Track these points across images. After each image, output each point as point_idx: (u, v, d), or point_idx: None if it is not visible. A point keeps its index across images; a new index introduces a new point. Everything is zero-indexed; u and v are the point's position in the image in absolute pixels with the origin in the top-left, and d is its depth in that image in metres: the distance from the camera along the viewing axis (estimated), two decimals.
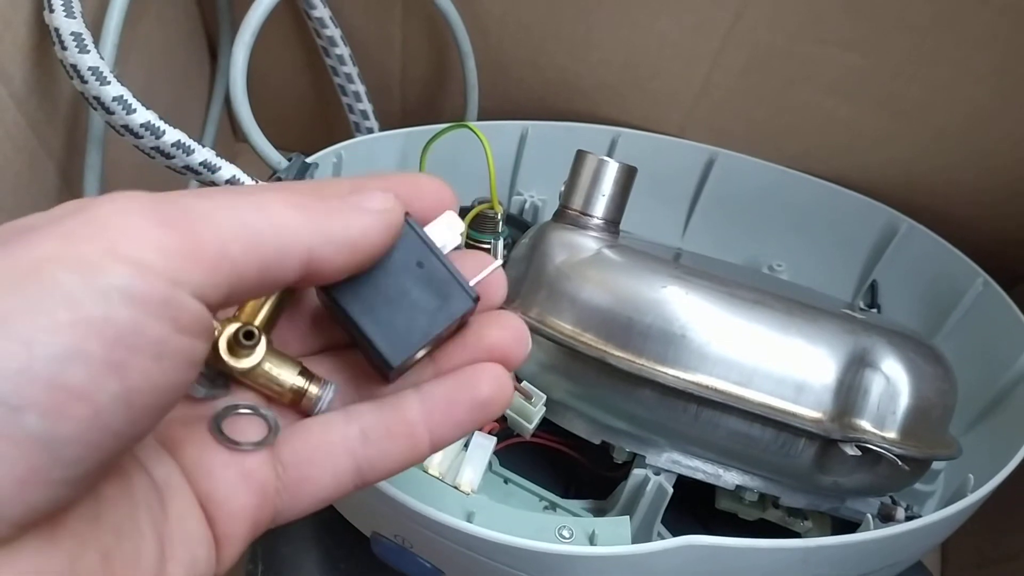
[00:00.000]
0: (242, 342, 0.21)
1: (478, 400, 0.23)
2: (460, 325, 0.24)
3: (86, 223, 0.16)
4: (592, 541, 0.35)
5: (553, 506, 0.40)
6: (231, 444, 0.21)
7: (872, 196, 0.55)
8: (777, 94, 0.52)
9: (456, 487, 0.36)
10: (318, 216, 0.19)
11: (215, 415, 0.22)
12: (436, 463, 0.37)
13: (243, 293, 0.18)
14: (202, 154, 0.40)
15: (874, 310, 0.55)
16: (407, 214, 0.23)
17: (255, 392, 0.23)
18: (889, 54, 0.48)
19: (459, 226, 0.23)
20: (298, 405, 0.23)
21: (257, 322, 0.22)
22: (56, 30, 0.37)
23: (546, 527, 0.35)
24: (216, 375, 0.22)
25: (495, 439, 0.38)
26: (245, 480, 0.21)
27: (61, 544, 0.16)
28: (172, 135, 0.39)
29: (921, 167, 0.53)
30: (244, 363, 0.22)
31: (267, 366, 0.22)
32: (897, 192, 0.54)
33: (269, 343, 0.23)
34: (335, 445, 0.23)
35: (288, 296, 0.23)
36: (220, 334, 0.22)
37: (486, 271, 0.24)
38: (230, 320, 0.22)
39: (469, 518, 0.34)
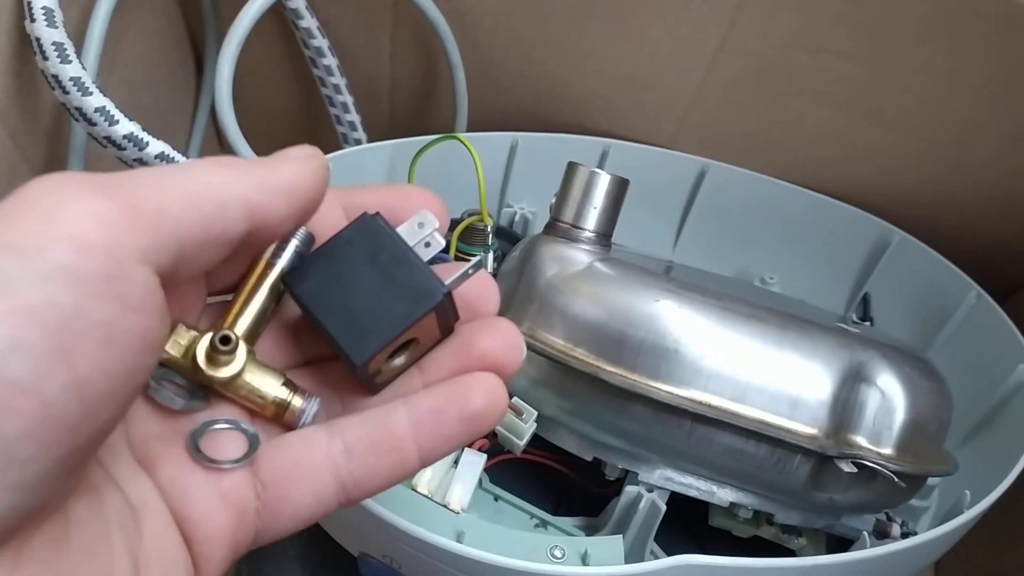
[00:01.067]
0: (219, 348, 0.21)
1: (469, 412, 0.22)
2: (444, 331, 0.23)
3: (18, 205, 0.16)
4: (585, 561, 0.34)
5: (544, 524, 0.40)
6: (208, 463, 0.21)
7: (864, 208, 0.54)
8: (769, 105, 0.52)
9: (445, 505, 0.35)
10: (247, 170, 0.19)
11: (192, 431, 0.21)
12: (425, 481, 0.36)
13: (192, 254, 0.18)
14: None
15: (867, 323, 0.54)
16: (377, 213, 0.22)
17: (236, 405, 0.22)
18: (881, 65, 0.48)
19: (432, 223, 0.23)
20: (281, 418, 0.22)
21: (239, 331, 0.22)
22: (37, 40, 0.37)
23: (538, 547, 0.34)
24: (196, 387, 0.22)
25: (485, 456, 0.37)
26: (223, 500, 0.20)
27: (27, 568, 0.15)
28: (156, 147, 0.39)
29: (913, 178, 0.53)
30: (224, 372, 0.21)
31: (248, 377, 0.22)
32: (889, 204, 0.54)
33: (251, 354, 0.22)
34: (317, 461, 0.22)
35: (271, 305, 0.23)
36: (198, 343, 0.21)
37: (464, 268, 0.23)
38: (209, 330, 0.22)
39: (459, 538, 0.33)
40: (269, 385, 0.22)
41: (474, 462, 0.37)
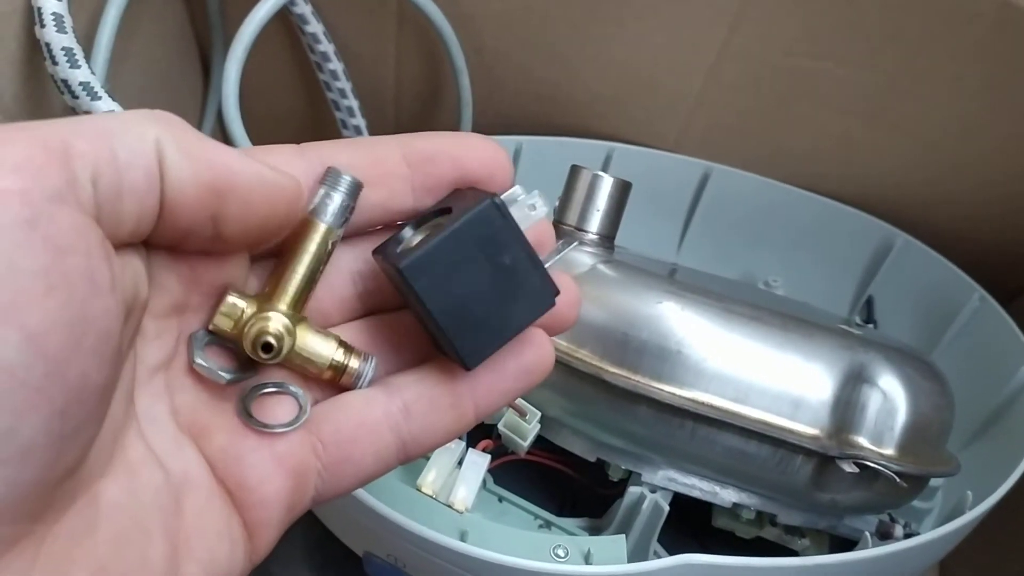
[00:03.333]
0: (261, 356, 0.20)
1: (523, 366, 0.22)
2: None
3: None
4: (588, 560, 0.34)
5: (548, 524, 0.40)
6: (261, 427, 0.20)
7: (867, 211, 0.54)
8: (771, 109, 0.52)
9: (450, 506, 0.36)
10: (192, 143, 0.18)
11: (242, 397, 0.21)
12: (429, 481, 0.36)
13: (111, 200, 0.16)
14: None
15: (871, 325, 0.54)
16: (495, 196, 0.21)
17: (292, 371, 0.22)
18: (882, 69, 0.48)
19: (542, 208, 0.22)
20: (338, 382, 0.22)
21: (287, 303, 0.21)
22: (47, 45, 0.37)
23: (541, 546, 0.34)
24: (244, 359, 0.21)
25: (489, 457, 0.38)
26: (278, 464, 0.20)
27: (45, 563, 0.15)
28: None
29: (915, 181, 0.53)
30: (273, 360, 0.21)
31: (302, 346, 0.21)
32: (893, 207, 0.54)
33: (303, 320, 0.21)
34: (378, 421, 0.21)
35: (320, 266, 0.22)
36: (246, 321, 0.20)
37: (556, 258, 0.23)
38: (258, 300, 0.21)
39: (463, 537, 0.33)
40: (324, 351, 0.22)
41: (478, 463, 0.37)
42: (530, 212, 0.22)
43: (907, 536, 0.39)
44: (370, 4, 0.54)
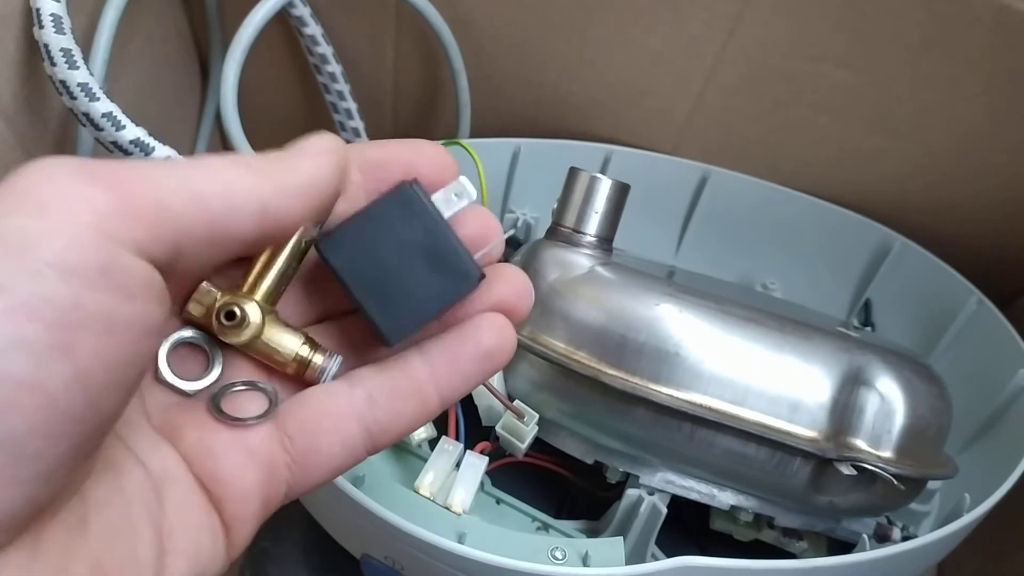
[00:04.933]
0: (224, 323, 0.21)
1: (483, 350, 0.23)
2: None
3: (10, 193, 0.15)
4: (585, 562, 0.34)
5: (546, 527, 0.40)
6: (232, 421, 0.21)
7: (865, 214, 0.55)
8: (770, 112, 0.52)
9: (447, 508, 0.36)
10: (264, 170, 0.19)
11: (213, 394, 0.21)
12: (427, 483, 0.36)
13: (195, 251, 0.17)
14: (161, 152, 0.40)
15: (868, 328, 0.54)
16: (415, 180, 0.22)
17: (257, 364, 0.23)
18: (881, 72, 0.48)
19: (470, 193, 0.22)
20: (302, 376, 0.23)
21: (260, 295, 0.22)
22: (46, 46, 0.37)
23: (539, 548, 0.34)
24: (213, 346, 0.22)
25: (487, 459, 0.38)
26: (250, 457, 0.21)
27: (45, 558, 0.15)
28: (161, 151, 0.39)
29: (913, 185, 0.53)
30: (240, 337, 0.21)
31: (269, 337, 0.22)
32: (890, 210, 0.54)
33: (273, 314, 0.22)
34: (342, 412, 0.22)
35: (293, 264, 0.22)
36: (219, 304, 0.21)
37: (489, 247, 0.23)
38: (231, 290, 0.22)
39: (460, 539, 0.33)
40: (290, 344, 0.22)
41: (476, 465, 0.37)
42: (455, 198, 0.22)
43: (905, 539, 0.39)
44: (369, 6, 0.55)
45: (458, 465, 0.37)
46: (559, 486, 0.43)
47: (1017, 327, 0.47)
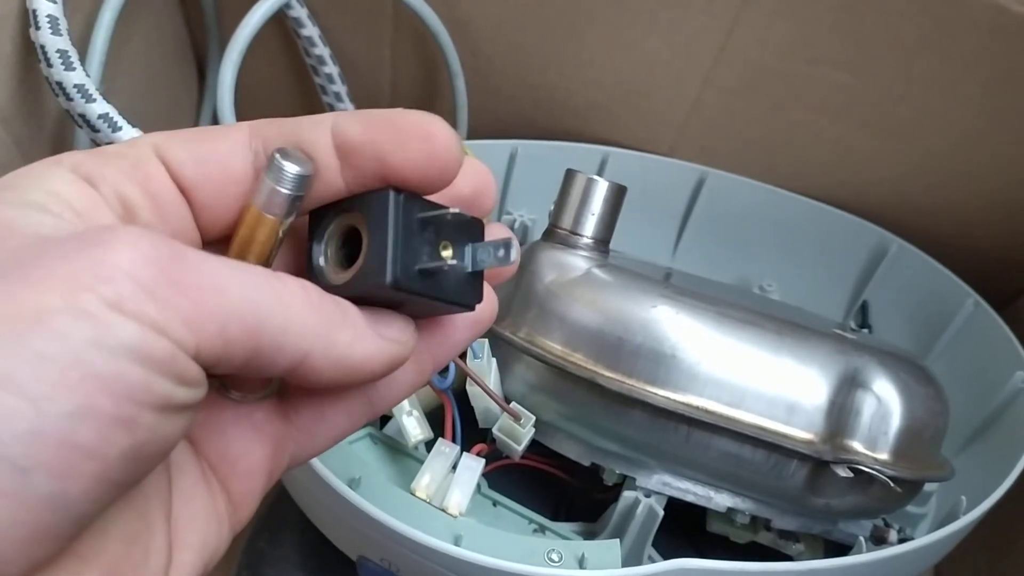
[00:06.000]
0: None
1: (473, 317, 0.23)
2: None
3: (94, 266, 0.15)
4: (582, 565, 0.34)
5: (542, 529, 0.40)
6: (238, 398, 0.21)
7: (862, 216, 0.55)
8: (767, 114, 0.52)
9: (444, 510, 0.36)
10: (329, 324, 0.19)
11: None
12: (424, 485, 0.36)
13: (224, 368, 0.17)
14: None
15: (865, 330, 0.54)
16: (394, 189, 0.20)
17: None
18: (878, 74, 0.48)
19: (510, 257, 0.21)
20: None
21: (251, 260, 0.21)
22: (42, 47, 0.37)
23: (535, 550, 0.34)
24: None
25: (483, 461, 0.38)
26: (257, 433, 0.21)
27: (55, 572, 0.16)
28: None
29: (911, 187, 0.53)
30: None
31: None
32: (887, 212, 0.54)
33: None
34: None
35: (272, 255, 0.21)
36: None
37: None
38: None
39: (457, 541, 0.33)
40: None
41: (472, 467, 0.37)
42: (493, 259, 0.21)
43: (901, 541, 0.39)
44: (366, 7, 0.55)
45: (455, 467, 0.37)
46: (556, 488, 0.43)
47: (1014, 329, 0.47)
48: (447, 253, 0.21)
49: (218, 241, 0.21)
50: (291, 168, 0.20)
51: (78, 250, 0.15)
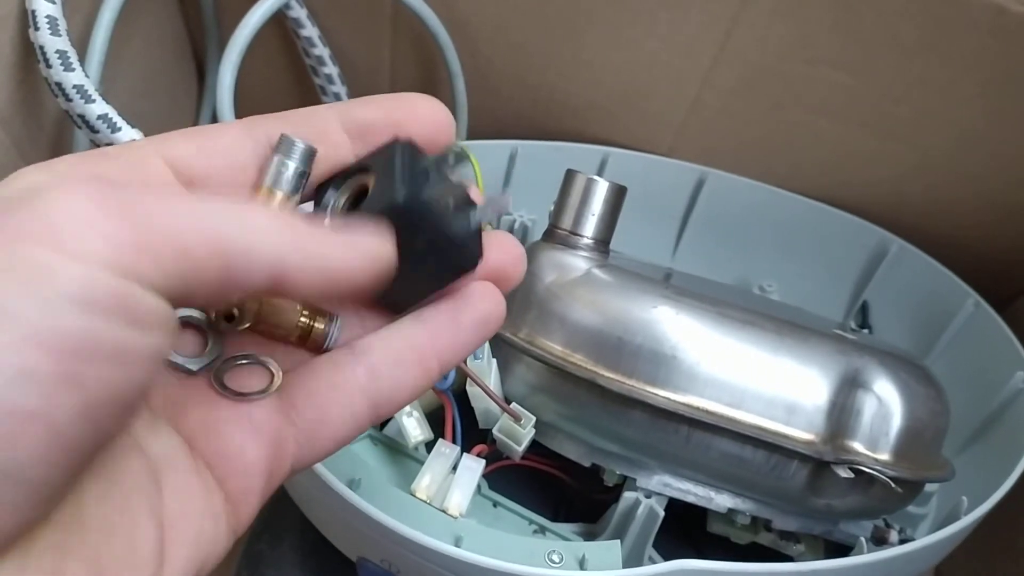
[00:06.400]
0: (225, 323, 0.21)
1: (479, 318, 0.23)
2: None
3: (27, 214, 0.15)
4: (582, 565, 0.34)
5: (543, 530, 0.40)
6: (236, 396, 0.21)
7: (862, 216, 0.55)
8: (766, 114, 0.52)
9: (444, 511, 0.36)
10: (300, 234, 0.18)
11: (215, 371, 0.21)
12: (424, 486, 0.36)
13: (203, 292, 0.17)
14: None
15: (865, 331, 0.54)
16: (409, 142, 0.21)
17: (261, 335, 0.23)
18: (878, 75, 0.48)
19: (467, 167, 0.22)
20: (307, 342, 0.23)
21: None
22: (41, 48, 0.37)
23: (535, 551, 0.34)
24: (213, 329, 0.22)
25: (484, 462, 0.38)
26: (255, 431, 0.21)
27: (37, 562, 0.15)
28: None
29: (910, 187, 0.53)
30: (239, 327, 0.22)
31: (269, 310, 0.22)
32: (887, 212, 0.54)
33: None
34: (347, 383, 0.22)
35: (295, 209, 0.22)
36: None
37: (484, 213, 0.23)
38: None
39: (457, 542, 0.33)
40: (290, 314, 0.22)
41: (473, 467, 0.37)
42: (451, 162, 0.22)
43: (902, 541, 0.39)
44: (365, 8, 0.55)
45: (455, 468, 0.37)
46: (556, 489, 0.43)
47: (1014, 329, 0.47)
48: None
49: None
50: (299, 143, 0.21)
51: (19, 204, 0.15)
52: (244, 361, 0.22)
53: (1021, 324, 0.47)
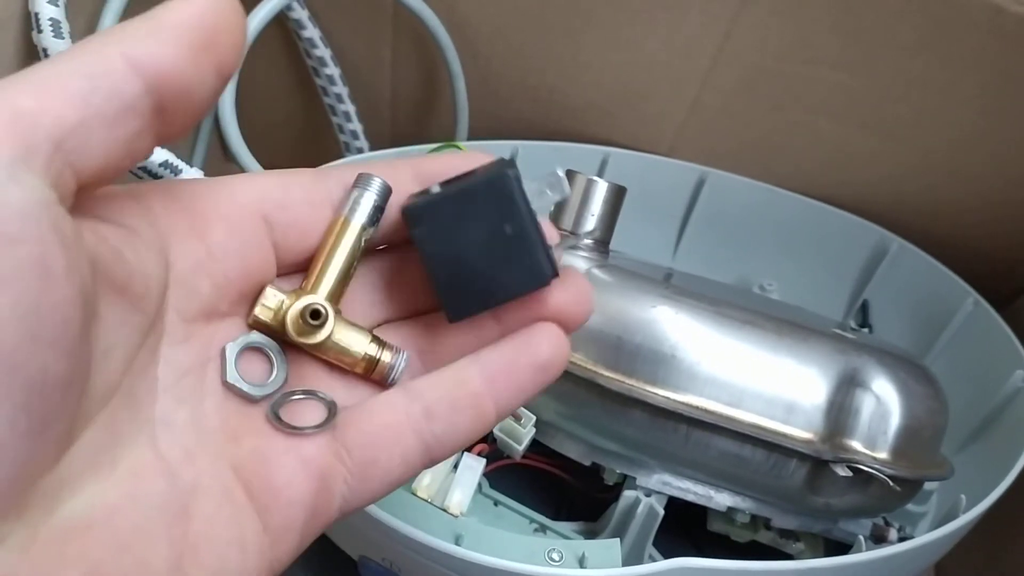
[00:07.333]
0: (310, 322, 0.21)
1: (540, 362, 0.22)
2: None
3: None
4: (582, 564, 0.35)
5: (543, 528, 0.40)
6: (289, 429, 0.21)
7: (862, 215, 0.55)
8: (766, 114, 0.53)
9: (445, 510, 0.36)
10: (122, 27, 0.17)
11: (272, 403, 0.21)
12: (425, 485, 0.36)
13: (83, 140, 0.16)
14: (189, 174, 0.40)
15: (865, 330, 0.55)
16: (512, 164, 0.22)
17: (321, 367, 0.23)
18: (877, 75, 0.48)
19: (564, 188, 0.22)
20: (371, 374, 0.23)
21: (324, 294, 0.22)
22: (44, 50, 0.37)
23: (536, 550, 0.34)
24: (278, 355, 0.22)
25: (484, 460, 0.38)
26: (304, 466, 0.20)
27: (33, 559, 0.15)
28: (160, 155, 0.39)
29: (910, 187, 0.53)
30: (314, 339, 0.22)
31: (337, 337, 0.22)
32: (887, 211, 0.54)
33: (338, 312, 0.22)
34: (401, 424, 0.22)
35: (353, 263, 0.22)
36: (287, 309, 0.21)
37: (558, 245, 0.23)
38: (297, 293, 0.22)
39: (458, 541, 0.34)
40: (358, 343, 0.22)
41: (473, 466, 0.37)
42: (548, 192, 0.22)
43: (901, 540, 0.39)
44: (366, 9, 0.55)
45: (456, 467, 0.37)
46: (556, 488, 0.43)
47: (1014, 328, 0.47)
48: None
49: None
50: (377, 178, 0.22)
51: None
52: (302, 396, 0.22)
53: (1021, 323, 0.47)
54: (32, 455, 0.15)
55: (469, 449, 0.39)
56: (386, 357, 0.23)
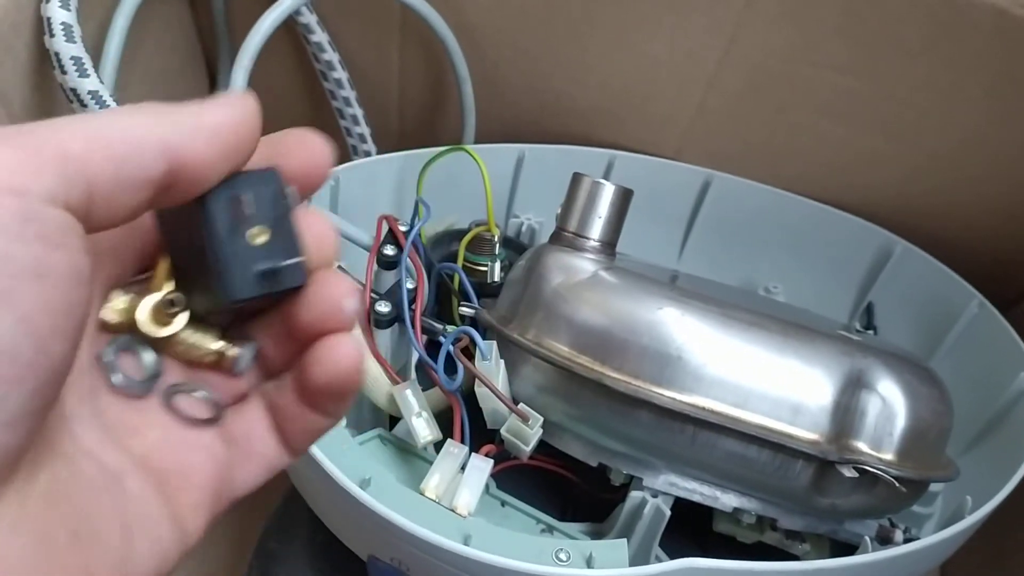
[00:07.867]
0: (167, 312, 0.22)
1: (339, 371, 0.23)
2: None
3: None
4: (589, 564, 0.35)
5: (550, 529, 0.40)
6: (192, 420, 0.22)
7: (867, 218, 0.55)
8: (772, 117, 0.53)
9: (453, 510, 0.36)
10: (166, 113, 0.19)
11: (165, 396, 0.22)
12: (433, 485, 0.36)
13: (108, 193, 0.18)
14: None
15: (870, 332, 0.55)
16: (275, 168, 0.22)
17: (173, 359, 0.23)
18: (882, 77, 0.48)
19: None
20: (219, 366, 0.23)
21: (168, 288, 0.22)
22: (56, 55, 0.38)
23: (543, 550, 0.35)
24: (150, 356, 0.22)
25: (492, 461, 0.38)
26: (206, 452, 0.22)
27: (29, 523, 0.17)
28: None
29: (915, 189, 0.53)
30: (166, 331, 0.22)
31: (187, 332, 0.23)
32: (892, 214, 0.55)
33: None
34: (267, 421, 0.23)
35: None
36: (137, 305, 0.22)
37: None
38: (144, 290, 0.22)
39: (466, 541, 0.34)
40: (206, 337, 0.23)
41: (481, 467, 0.37)
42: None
43: (907, 541, 0.39)
44: (374, 14, 0.55)
45: (463, 467, 0.37)
46: (563, 488, 0.43)
47: (1019, 330, 0.47)
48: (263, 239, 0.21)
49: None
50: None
51: None
52: (187, 389, 0.23)
53: None
54: (30, 434, 0.17)
55: (477, 450, 0.39)
56: (232, 350, 0.23)
